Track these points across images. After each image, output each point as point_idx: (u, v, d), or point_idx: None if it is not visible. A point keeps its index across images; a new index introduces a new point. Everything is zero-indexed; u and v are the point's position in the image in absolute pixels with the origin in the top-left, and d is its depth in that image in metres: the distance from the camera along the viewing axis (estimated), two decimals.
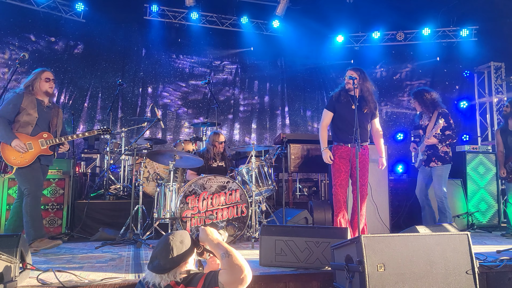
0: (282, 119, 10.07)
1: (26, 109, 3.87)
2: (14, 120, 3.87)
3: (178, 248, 1.99)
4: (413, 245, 2.46)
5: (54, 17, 8.19)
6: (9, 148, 3.81)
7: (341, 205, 4.25)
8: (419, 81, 9.85)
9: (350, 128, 4.17)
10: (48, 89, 4.03)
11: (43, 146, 3.94)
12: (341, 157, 4.29)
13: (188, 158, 4.87)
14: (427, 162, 5.04)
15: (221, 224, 4.52)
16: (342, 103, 4.31)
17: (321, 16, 9.02)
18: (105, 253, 3.97)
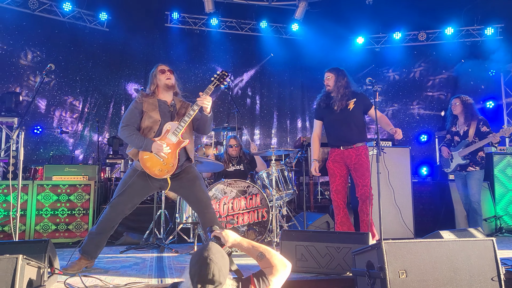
0: (303, 122, 10.05)
1: (147, 112, 3.41)
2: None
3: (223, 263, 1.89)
4: (436, 251, 2.42)
5: (79, 27, 8.43)
6: (149, 156, 3.30)
7: (339, 211, 4.16)
8: (442, 82, 9.66)
9: (337, 130, 4.19)
10: (166, 81, 3.52)
11: (174, 140, 3.33)
12: (335, 161, 4.22)
13: (209, 163, 4.93)
14: (464, 167, 4.99)
15: (242, 228, 4.55)
16: (326, 107, 4.28)
17: (341, 18, 8.97)
18: (130, 258, 4.05)
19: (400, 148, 5.67)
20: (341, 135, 4.20)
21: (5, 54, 7.84)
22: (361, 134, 4.26)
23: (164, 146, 3.24)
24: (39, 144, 7.92)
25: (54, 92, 8.35)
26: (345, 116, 4.17)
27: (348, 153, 4.17)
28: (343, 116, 4.18)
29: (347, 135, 4.17)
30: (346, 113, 4.17)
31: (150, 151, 3.27)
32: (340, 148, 4.20)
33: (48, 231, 4.83)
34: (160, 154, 3.24)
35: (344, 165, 4.20)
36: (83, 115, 8.57)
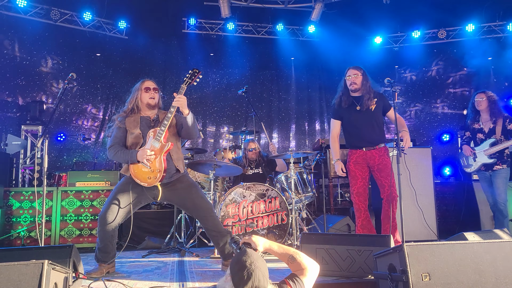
0: (321, 124, 9.99)
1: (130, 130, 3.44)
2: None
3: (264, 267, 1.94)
4: (460, 254, 2.37)
5: (99, 35, 8.60)
6: (137, 168, 3.33)
7: (360, 214, 4.07)
8: (464, 80, 9.46)
9: (359, 131, 4.08)
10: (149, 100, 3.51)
11: (157, 145, 3.30)
12: (357, 163, 4.11)
13: (227, 166, 4.95)
14: (490, 166, 4.78)
15: (262, 232, 4.55)
16: (346, 107, 4.16)
17: (358, 18, 8.89)
18: (151, 262, 4.11)
19: (421, 148, 5.59)
20: (364, 135, 4.10)
21: (29, 64, 8.07)
22: (383, 135, 4.20)
23: (147, 150, 3.24)
24: (62, 151, 8.11)
25: (76, 100, 8.54)
26: (368, 116, 4.09)
27: (371, 154, 4.09)
28: (365, 116, 4.08)
29: (371, 135, 4.09)
30: (369, 113, 4.09)
31: (136, 161, 3.29)
32: (362, 149, 4.10)
33: (73, 236, 4.94)
34: (144, 160, 3.24)
35: (367, 167, 4.11)
36: (104, 122, 8.74)
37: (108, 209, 3.29)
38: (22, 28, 7.87)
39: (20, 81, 7.95)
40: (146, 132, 3.40)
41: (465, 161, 5.03)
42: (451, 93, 9.53)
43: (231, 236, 2.32)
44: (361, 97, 4.12)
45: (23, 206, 4.87)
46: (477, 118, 4.96)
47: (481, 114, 4.93)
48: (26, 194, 4.91)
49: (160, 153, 3.29)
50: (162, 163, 3.27)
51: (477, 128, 4.94)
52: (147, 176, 3.29)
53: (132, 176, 3.34)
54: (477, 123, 4.95)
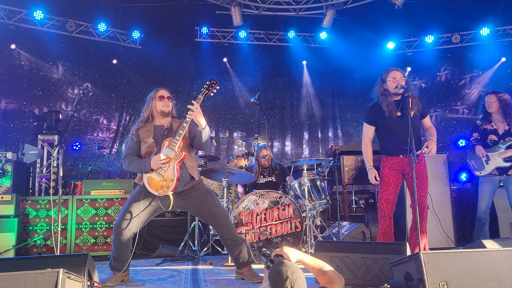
0: (334, 131, 9.94)
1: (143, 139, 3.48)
2: None
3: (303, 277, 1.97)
4: (479, 262, 2.31)
5: (114, 45, 8.75)
6: (150, 177, 3.35)
7: (385, 221, 3.90)
8: (479, 84, 9.32)
9: (399, 138, 3.84)
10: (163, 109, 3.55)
11: (171, 154, 3.32)
12: (392, 169, 3.91)
13: (240, 173, 4.95)
14: (504, 170, 4.51)
15: (276, 239, 4.53)
16: (385, 112, 3.90)
17: (370, 24, 8.85)
18: (165, 270, 4.11)
19: (437, 154, 5.44)
20: (402, 142, 3.82)
21: (45, 75, 8.25)
22: (420, 142, 4.00)
23: (161, 157, 3.25)
24: (78, 160, 8.23)
25: (91, 110, 8.68)
26: (407, 122, 3.76)
27: (409, 162, 3.89)
28: (405, 122, 3.81)
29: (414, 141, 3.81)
30: (408, 119, 3.77)
31: (150, 170, 3.31)
32: (399, 156, 3.90)
33: (88, 244, 4.97)
34: (158, 168, 3.28)
35: (401, 174, 3.93)
36: (118, 131, 8.84)
37: (123, 219, 3.32)
38: (39, 39, 8.06)
39: (36, 92, 8.12)
40: (159, 140, 3.43)
41: (474, 164, 4.71)
42: (467, 98, 9.41)
43: (259, 250, 2.32)
44: (402, 102, 3.88)
45: (40, 214, 4.93)
46: (489, 118, 4.68)
47: (493, 116, 4.67)
48: (43, 203, 4.97)
49: (174, 162, 3.30)
50: (175, 172, 3.29)
51: (490, 129, 4.66)
52: (159, 185, 3.31)
53: (145, 184, 3.36)
54: (489, 124, 4.67)
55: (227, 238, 3.47)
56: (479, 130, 4.73)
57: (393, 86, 3.85)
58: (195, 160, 3.63)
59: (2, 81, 7.88)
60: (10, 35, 7.82)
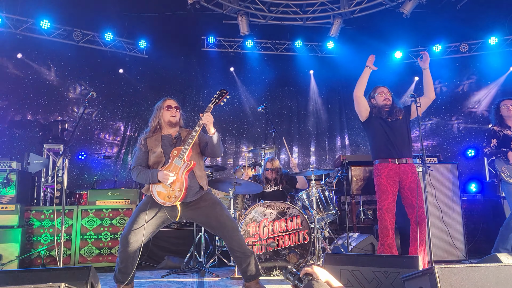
0: (342, 140, 9.86)
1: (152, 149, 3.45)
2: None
3: None
4: (495, 277, 2.22)
5: (120, 55, 8.77)
6: (157, 187, 3.32)
7: (388, 232, 3.89)
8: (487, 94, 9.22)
9: (389, 142, 4.00)
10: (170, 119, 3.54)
11: (180, 164, 3.29)
12: (389, 177, 3.93)
13: (248, 184, 4.88)
14: None
15: (283, 251, 4.43)
16: (377, 118, 4.12)
17: (377, 34, 8.81)
18: (170, 282, 4.04)
19: (447, 164, 5.41)
20: (394, 146, 3.99)
21: (51, 84, 8.28)
22: (411, 150, 4.11)
23: (170, 174, 3.20)
24: (83, 170, 8.21)
25: (98, 119, 8.68)
26: (398, 126, 4.06)
27: (404, 169, 3.97)
28: (396, 126, 4.05)
29: (401, 146, 4.00)
30: (398, 123, 4.07)
31: (157, 181, 3.26)
32: (395, 162, 3.96)
33: (92, 255, 4.91)
34: (166, 181, 3.21)
35: (398, 182, 3.97)
36: (124, 140, 8.82)
37: (131, 229, 3.24)
38: (45, 49, 8.10)
39: (43, 101, 8.14)
40: (168, 150, 3.40)
41: (507, 171, 4.44)
42: (475, 107, 9.29)
43: (286, 268, 2.27)
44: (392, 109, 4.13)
45: (44, 225, 4.89)
46: (506, 124, 4.59)
47: (508, 122, 4.60)
48: (47, 213, 4.93)
49: (183, 172, 3.26)
50: (183, 183, 3.23)
51: (511, 135, 4.53)
52: (167, 195, 3.25)
53: (152, 195, 3.31)
54: (509, 130, 4.55)
55: (236, 250, 3.39)
56: (498, 137, 4.57)
57: (382, 99, 4.14)
58: (204, 170, 3.58)
59: (9, 90, 7.91)
60: (16, 44, 7.87)
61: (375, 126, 4.12)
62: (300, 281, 2.12)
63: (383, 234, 3.94)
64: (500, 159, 4.50)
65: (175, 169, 3.26)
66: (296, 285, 2.14)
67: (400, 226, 5.33)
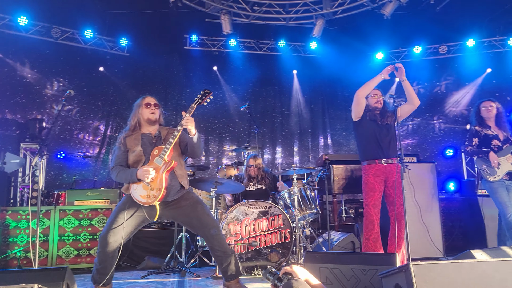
0: (324, 140, 9.93)
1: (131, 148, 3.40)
2: None
3: None
4: (469, 273, 2.27)
5: (101, 53, 8.63)
6: (137, 186, 3.28)
7: (373, 227, 4.03)
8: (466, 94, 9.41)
9: (377, 143, 4.13)
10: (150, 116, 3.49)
11: (160, 163, 3.26)
12: (376, 175, 4.10)
13: (229, 183, 4.87)
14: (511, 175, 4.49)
15: (265, 250, 4.44)
16: (369, 120, 4.24)
17: (359, 35, 8.92)
18: (150, 282, 4.00)
19: (425, 163, 5.51)
20: (383, 147, 4.15)
21: (29, 82, 8.08)
22: (397, 150, 4.23)
23: (150, 170, 3.17)
24: (62, 169, 8.05)
25: (77, 118, 8.53)
26: (387, 128, 4.21)
27: (390, 168, 4.13)
28: (386, 128, 4.20)
29: (389, 148, 4.16)
30: (388, 126, 4.23)
31: (137, 180, 3.23)
32: (381, 162, 4.11)
33: (70, 256, 4.83)
34: (145, 179, 3.18)
35: (384, 181, 4.13)
36: (105, 139, 8.69)
37: (109, 230, 3.19)
38: (22, 46, 7.91)
39: (20, 99, 7.95)
40: (147, 149, 3.36)
41: (487, 169, 4.51)
42: (454, 107, 9.48)
43: (265, 268, 2.27)
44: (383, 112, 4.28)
45: (20, 225, 4.78)
46: (486, 125, 4.66)
47: (488, 122, 4.67)
48: (23, 214, 4.82)
49: (163, 171, 3.23)
50: (163, 182, 3.20)
51: (491, 134, 4.61)
52: (146, 195, 3.22)
53: (131, 194, 3.27)
54: (489, 130, 4.64)
55: (216, 249, 3.38)
56: (479, 136, 4.65)
57: (374, 102, 4.29)
58: (185, 169, 3.55)
59: None
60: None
61: (366, 127, 4.24)
62: (280, 281, 2.13)
63: (368, 228, 4.04)
64: (481, 158, 4.58)
65: (156, 168, 3.23)
66: (275, 285, 2.14)
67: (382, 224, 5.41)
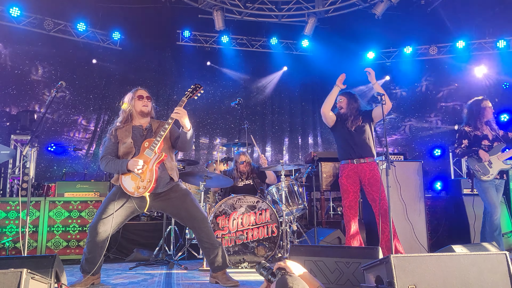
0: (314, 138, 10.01)
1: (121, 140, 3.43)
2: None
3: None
4: (447, 266, 2.35)
5: (93, 46, 8.61)
6: (127, 178, 3.31)
7: (350, 226, 4.21)
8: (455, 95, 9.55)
9: (349, 145, 4.31)
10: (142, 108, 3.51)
11: (151, 155, 3.30)
12: (348, 177, 4.26)
13: (218, 178, 4.92)
14: (503, 173, 4.59)
15: (252, 244, 4.51)
16: (340, 123, 4.45)
17: (351, 34, 9.00)
18: (138, 274, 4.04)
19: (412, 162, 5.59)
20: (354, 148, 4.31)
21: (20, 73, 8.03)
22: (372, 150, 4.37)
23: (139, 162, 3.22)
24: (53, 162, 8.03)
25: (68, 110, 8.50)
26: (357, 131, 4.34)
27: (361, 168, 4.25)
28: (355, 131, 4.35)
29: (360, 148, 4.30)
30: (358, 128, 4.35)
31: (127, 171, 3.27)
32: (353, 162, 4.25)
33: (60, 247, 4.85)
34: (135, 170, 3.22)
35: (358, 180, 4.26)
36: (96, 133, 8.68)
37: (99, 220, 3.24)
38: (14, 37, 7.85)
39: (11, 90, 7.90)
40: (138, 141, 3.40)
41: (480, 169, 4.57)
42: (443, 108, 9.62)
43: (259, 262, 2.30)
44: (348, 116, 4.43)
45: (9, 216, 4.78)
46: (477, 125, 4.72)
47: (482, 122, 4.72)
48: (13, 204, 4.83)
49: (153, 163, 3.26)
50: (153, 174, 3.25)
51: (480, 135, 4.67)
52: (136, 186, 3.26)
53: (121, 185, 3.31)
54: (478, 130, 4.69)
55: (204, 241, 3.44)
56: (469, 137, 4.70)
57: (339, 108, 4.54)
58: (175, 161, 3.61)
59: None
60: None
61: (338, 132, 4.47)
62: (274, 276, 2.16)
63: (347, 227, 4.26)
64: (472, 158, 4.63)
65: (146, 160, 3.27)
66: (269, 280, 2.17)
67: (366, 221, 5.51)
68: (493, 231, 4.40)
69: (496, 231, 4.41)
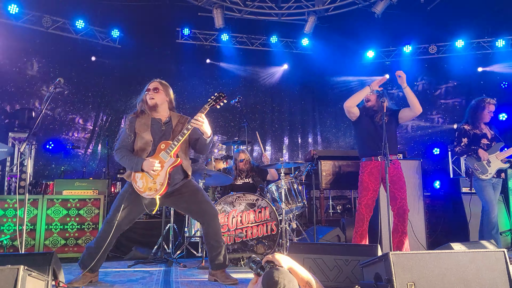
0: (314, 136, 10.00)
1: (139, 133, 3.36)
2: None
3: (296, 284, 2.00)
4: (445, 263, 2.35)
5: (92, 43, 8.57)
6: (140, 177, 3.26)
7: (363, 223, 4.14)
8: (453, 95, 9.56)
9: (374, 141, 4.18)
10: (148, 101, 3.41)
11: (166, 158, 3.24)
12: (371, 174, 4.15)
13: (218, 175, 4.92)
14: (500, 172, 4.59)
15: (251, 242, 4.50)
16: (366, 117, 4.31)
17: (350, 32, 8.99)
18: (137, 272, 4.04)
19: (411, 160, 5.58)
20: (379, 144, 4.11)
21: (19, 71, 8.00)
22: (396, 148, 4.30)
23: (155, 163, 3.18)
24: (51, 160, 8.01)
25: (67, 108, 8.48)
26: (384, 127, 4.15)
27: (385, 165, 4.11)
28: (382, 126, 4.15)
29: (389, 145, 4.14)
30: (386, 124, 4.16)
31: (141, 170, 3.23)
32: (377, 159, 4.14)
33: (58, 245, 4.84)
34: (150, 172, 3.18)
35: (379, 179, 4.15)
36: (95, 130, 8.67)
37: (115, 215, 3.23)
38: (12, 34, 7.80)
39: (9, 88, 7.87)
40: (156, 138, 3.33)
41: (478, 167, 4.57)
42: (442, 107, 9.62)
43: (249, 257, 2.30)
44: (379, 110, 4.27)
45: (7, 214, 4.77)
46: (477, 124, 4.71)
47: (482, 121, 4.71)
48: (11, 202, 4.81)
49: (168, 167, 3.22)
50: (166, 177, 3.21)
51: (480, 133, 4.66)
52: (148, 187, 3.22)
53: (133, 183, 3.28)
54: (477, 129, 4.69)
55: (211, 237, 3.43)
56: (468, 136, 4.68)
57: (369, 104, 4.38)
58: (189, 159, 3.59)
59: None
60: None
61: (362, 125, 4.33)
62: (262, 269, 2.15)
63: (359, 224, 4.15)
64: (471, 157, 4.62)
65: (161, 162, 3.22)
66: (258, 273, 2.16)
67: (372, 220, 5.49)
68: (491, 229, 4.40)
69: (494, 229, 4.42)
